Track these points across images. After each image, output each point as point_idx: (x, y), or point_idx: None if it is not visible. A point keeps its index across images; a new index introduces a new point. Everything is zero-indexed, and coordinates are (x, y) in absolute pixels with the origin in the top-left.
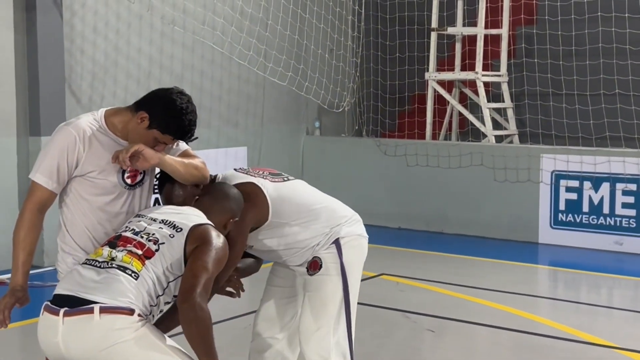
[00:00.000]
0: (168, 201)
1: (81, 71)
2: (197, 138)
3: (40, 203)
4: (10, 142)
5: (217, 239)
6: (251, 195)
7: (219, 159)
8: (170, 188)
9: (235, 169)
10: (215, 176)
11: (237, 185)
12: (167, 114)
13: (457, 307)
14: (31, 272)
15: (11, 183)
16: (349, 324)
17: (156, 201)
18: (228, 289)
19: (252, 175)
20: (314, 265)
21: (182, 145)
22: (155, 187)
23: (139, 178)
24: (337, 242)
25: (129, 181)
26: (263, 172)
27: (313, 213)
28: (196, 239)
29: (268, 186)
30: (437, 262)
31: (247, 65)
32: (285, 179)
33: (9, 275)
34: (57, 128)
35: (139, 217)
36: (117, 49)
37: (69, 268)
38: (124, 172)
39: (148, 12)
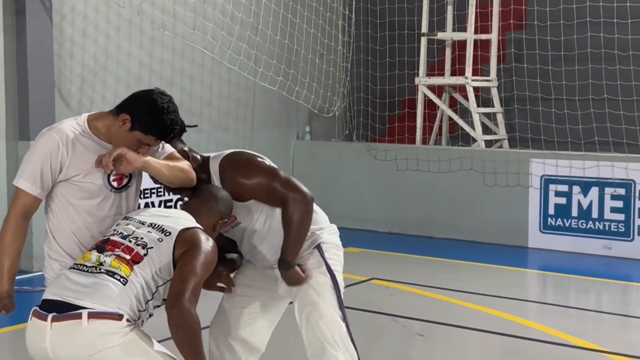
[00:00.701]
0: None
1: (70, 75)
2: (196, 126)
3: (25, 209)
4: None
5: (206, 243)
6: (252, 158)
7: None
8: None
9: None
10: (208, 157)
11: (234, 153)
12: (148, 115)
13: (446, 311)
14: (20, 277)
15: (1, 188)
16: (347, 325)
17: (146, 206)
18: (219, 284)
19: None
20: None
21: (168, 148)
22: (144, 190)
23: (125, 181)
24: (319, 247)
25: (115, 184)
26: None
27: None
28: (185, 242)
29: (265, 158)
30: (427, 266)
31: (238, 69)
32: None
33: None
34: (40, 133)
35: (127, 219)
36: (107, 53)
37: (55, 274)
38: (109, 175)
39: (138, 16)
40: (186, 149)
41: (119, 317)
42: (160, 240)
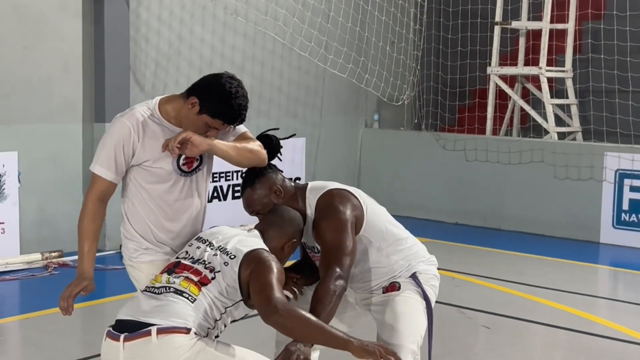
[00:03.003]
0: (247, 205)
1: (145, 59)
2: (277, 129)
3: (101, 193)
4: (76, 128)
5: (272, 260)
6: (345, 197)
7: None
8: (248, 193)
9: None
10: (306, 184)
11: (332, 190)
12: (216, 99)
13: (513, 304)
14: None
15: (76, 168)
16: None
17: (215, 190)
18: (285, 292)
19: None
20: (392, 288)
21: (240, 128)
22: (212, 175)
23: (195, 164)
24: (414, 276)
25: (185, 168)
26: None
27: (398, 243)
28: (249, 262)
29: (364, 196)
30: (493, 258)
31: (308, 56)
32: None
33: (74, 258)
34: (113, 120)
35: (198, 240)
36: (181, 38)
37: (130, 253)
38: (179, 159)
39: (212, 2)
40: (279, 177)
41: (187, 330)
42: (225, 264)
